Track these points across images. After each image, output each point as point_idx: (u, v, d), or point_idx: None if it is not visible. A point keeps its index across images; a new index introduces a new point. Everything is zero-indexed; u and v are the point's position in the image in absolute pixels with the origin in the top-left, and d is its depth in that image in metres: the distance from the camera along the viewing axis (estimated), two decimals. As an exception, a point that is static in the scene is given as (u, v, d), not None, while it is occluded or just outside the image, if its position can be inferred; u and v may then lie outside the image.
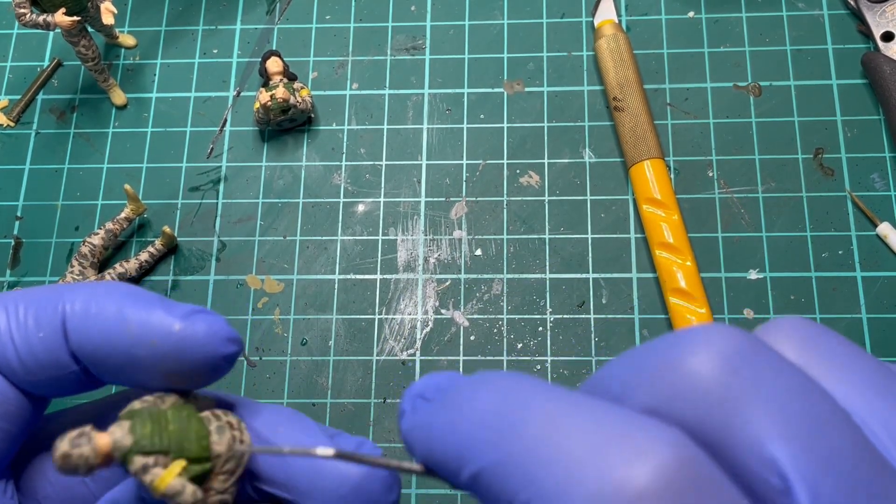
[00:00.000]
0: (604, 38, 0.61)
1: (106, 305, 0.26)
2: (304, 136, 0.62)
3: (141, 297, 0.26)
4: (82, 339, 0.26)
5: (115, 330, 0.25)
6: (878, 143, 0.59)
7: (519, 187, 0.60)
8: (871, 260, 0.57)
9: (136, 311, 0.26)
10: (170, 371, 0.26)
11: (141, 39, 0.66)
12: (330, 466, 0.26)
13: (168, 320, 0.25)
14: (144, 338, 0.25)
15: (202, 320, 0.26)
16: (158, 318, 0.26)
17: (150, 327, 0.25)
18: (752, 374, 0.18)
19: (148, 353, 0.25)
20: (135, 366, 0.26)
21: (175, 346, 0.25)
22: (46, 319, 0.26)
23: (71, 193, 0.62)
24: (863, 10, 0.61)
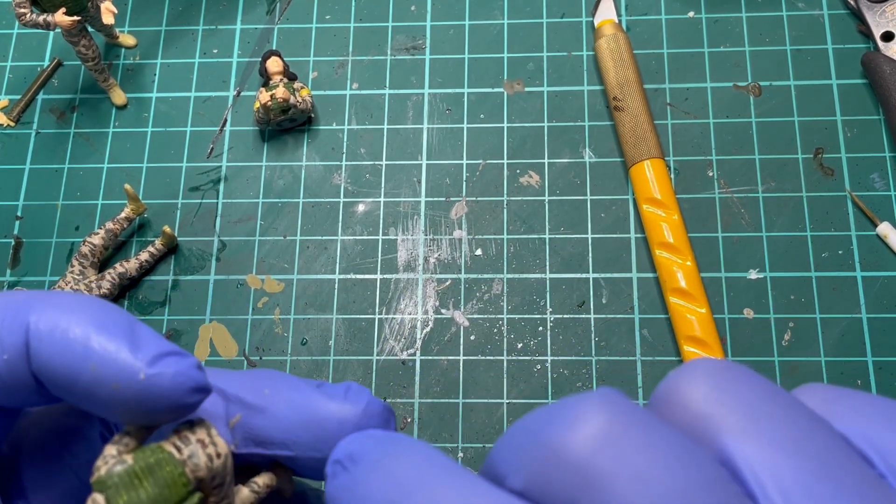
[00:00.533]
0: (604, 37, 0.61)
1: (72, 331, 0.24)
2: (305, 136, 0.62)
3: (110, 327, 0.24)
4: (42, 364, 0.24)
5: (77, 364, 0.24)
6: (878, 143, 0.59)
7: (519, 187, 0.60)
8: (871, 260, 0.57)
9: (102, 345, 0.24)
10: (131, 412, 0.24)
11: (141, 39, 0.66)
12: (327, 415, 0.26)
13: (133, 366, 0.24)
14: (106, 379, 0.24)
15: (169, 367, 0.24)
16: (123, 361, 0.24)
17: (113, 369, 0.24)
18: (617, 453, 0.17)
19: (109, 393, 0.24)
20: (95, 402, 0.24)
21: (137, 393, 0.24)
22: (11, 338, 0.24)
23: (71, 193, 0.62)
24: (863, 9, 0.61)
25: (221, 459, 0.24)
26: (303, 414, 0.26)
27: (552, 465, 0.18)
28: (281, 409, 0.26)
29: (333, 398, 0.27)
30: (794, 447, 0.17)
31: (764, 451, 0.17)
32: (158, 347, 0.24)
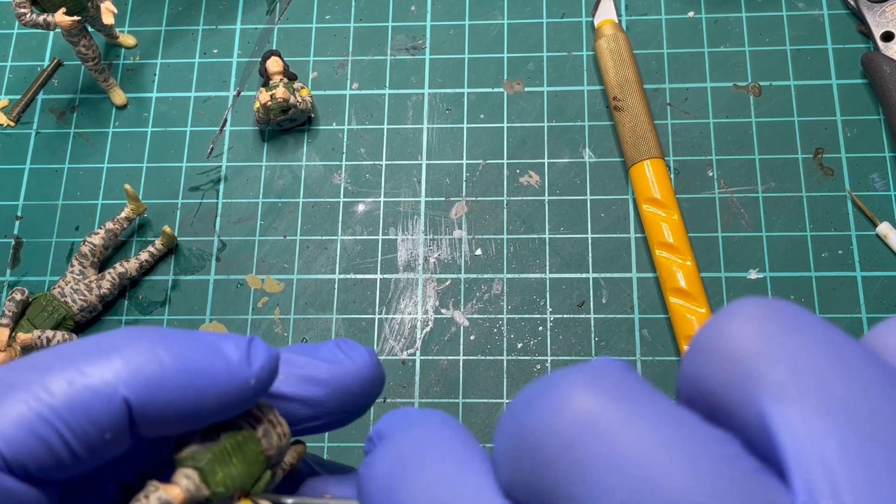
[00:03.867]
0: (604, 37, 0.61)
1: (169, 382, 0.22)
2: (304, 136, 0.62)
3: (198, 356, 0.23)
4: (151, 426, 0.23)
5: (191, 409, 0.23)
6: (878, 143, 0.59)
7: (519, 187, 0.60)
8: (871, 260, 0.57)
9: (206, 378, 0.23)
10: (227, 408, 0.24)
11: (141, 39, 0.66)
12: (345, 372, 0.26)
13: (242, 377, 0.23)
14: (225, 398, 0.23)
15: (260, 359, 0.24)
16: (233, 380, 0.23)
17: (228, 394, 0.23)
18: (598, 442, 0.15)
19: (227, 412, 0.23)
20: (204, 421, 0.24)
21: (252, 397, 0.24)
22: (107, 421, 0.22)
23: (71, 193, 0.62)
24: (863, 9, 0.61)
25: (286, 439, 0.25)
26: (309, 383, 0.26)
27: (527, 458, 0.16)
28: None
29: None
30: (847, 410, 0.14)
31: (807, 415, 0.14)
32: (237, 345, 0.24)
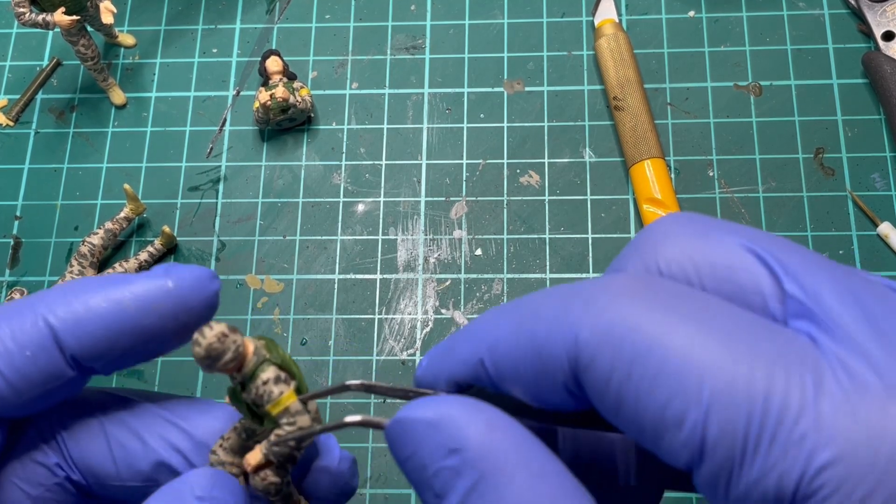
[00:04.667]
0: (604, 37, 0.61)
1: (90, 299, 0.26)
2: (304, 136, 0.62)
3: (115, 278, 0.27)
4: (83, 340, 0.26)
5: (113, 316, 0.26)
6: (879, 143, 0.59)
7: (519, 187, 0.60)
8: (872, 260, 0.57)
9: (122, 289, 0.26)
10: (174, 326, 0.26)
11: (140, 39, 0.66)
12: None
13: (158, 282, 0.26)
14: (145, 308, 0.26)
15: (183, 269, 0.27)
16: (148, 286, 0.26)
17: (145, 297, 0.26)
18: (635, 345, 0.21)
19: (154, 319, 0.26)
20: (143, 339, 0.26)
21: (175, 301, 0.26)
22: (27, 336, 0.25)
23: (70, 193, 0.62)
24: (863, 9, 0.61)
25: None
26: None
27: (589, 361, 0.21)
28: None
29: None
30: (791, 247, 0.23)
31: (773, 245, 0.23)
32: (160, 268, 0.27)
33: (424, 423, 0.22)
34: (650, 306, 0.22)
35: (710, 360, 0.20)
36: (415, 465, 0.23)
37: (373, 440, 0.55)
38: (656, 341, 0.21)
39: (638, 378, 0.21)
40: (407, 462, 0.23)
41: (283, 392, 0.26)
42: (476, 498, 0.21)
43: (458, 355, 0.25)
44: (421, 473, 0.22)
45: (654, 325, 0.21)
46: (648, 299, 0.22)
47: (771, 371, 0.20)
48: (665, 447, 0.21)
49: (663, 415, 0.20)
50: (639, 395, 0.21)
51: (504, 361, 0.24)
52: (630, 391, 0.21)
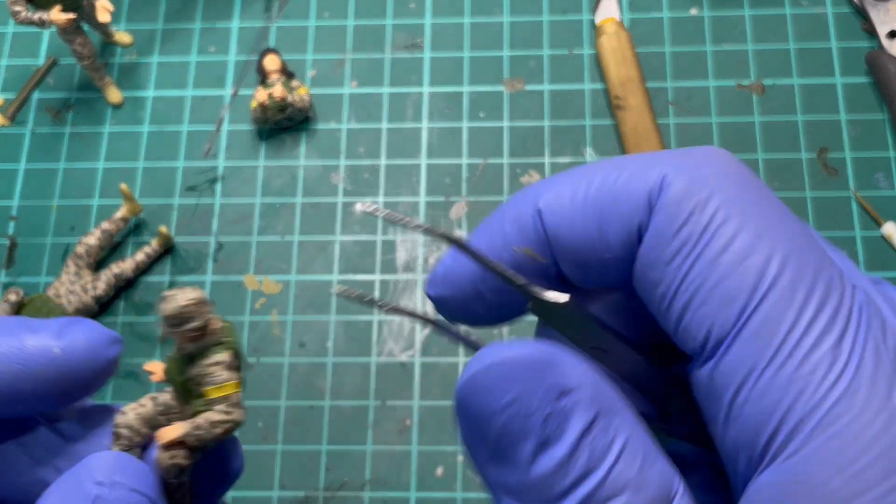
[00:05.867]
0: (605, 35, 0.61)
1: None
2: (303, 135, 0.62)
3: (11, 326, 0.24)
4: None
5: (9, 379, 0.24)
6: (883, 142, 0.59)
7: (520, 187, 0.59)
8: (876, 260, 0.56)
9: (6, 342, 0.24)
10: (57, 392, 0.24)
11: (137, 37, 0.65)
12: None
13: (44, 344, 0.24)
14: (24, 372, 0.24)
15: (78, 333, 0.24)
16: (33, 346, 0.24)
17: (27, 359, 0.24)
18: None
19: (31, 385, 0.24)
20: (18, 399, 0.24)
21: (59, 369, 0.24)
22: None
23: (66, 193, 0.61)
24: (867, 7, 0.60)
25: None
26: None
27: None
28: None
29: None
30: None
31: None
32: (55, 322, 0.24)
33: (534, 363, 0.21)
34: (738, 180, 0.22)
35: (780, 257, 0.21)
36: (518, 410, 0.21)
37: (371, 443, 0.54)
38: (737, 214, 0.21)
39: (709, 240, 0.21)
40: (505, 410, 0.21)
41: (230, 379, 0.25)
42: (590, 440, 0.20)
43: (511, 219, 0.24)
44: (525, 421, 0.21)
45: (739, 199, 0.21)
46: (737, 174, 0.22)
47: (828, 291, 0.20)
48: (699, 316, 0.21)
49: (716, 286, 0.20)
50: (701, 257, 0.21)
51: (567, 212, 0.23)
52: (695, 250, 0.21)
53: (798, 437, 0.19)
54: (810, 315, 0.20)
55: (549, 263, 0.24)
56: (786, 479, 0.19)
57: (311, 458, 0.54)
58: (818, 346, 0.20)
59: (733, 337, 0.20)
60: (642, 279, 0.22)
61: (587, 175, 0.23)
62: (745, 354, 0.20)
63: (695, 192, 0.21)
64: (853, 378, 0.19)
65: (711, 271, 0.21)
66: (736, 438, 0.20)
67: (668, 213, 0.21)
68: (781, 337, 0.20)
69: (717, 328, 0.20)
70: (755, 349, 0.20)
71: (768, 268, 0.20)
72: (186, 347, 0.26)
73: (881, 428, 0.19)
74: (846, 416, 0.19)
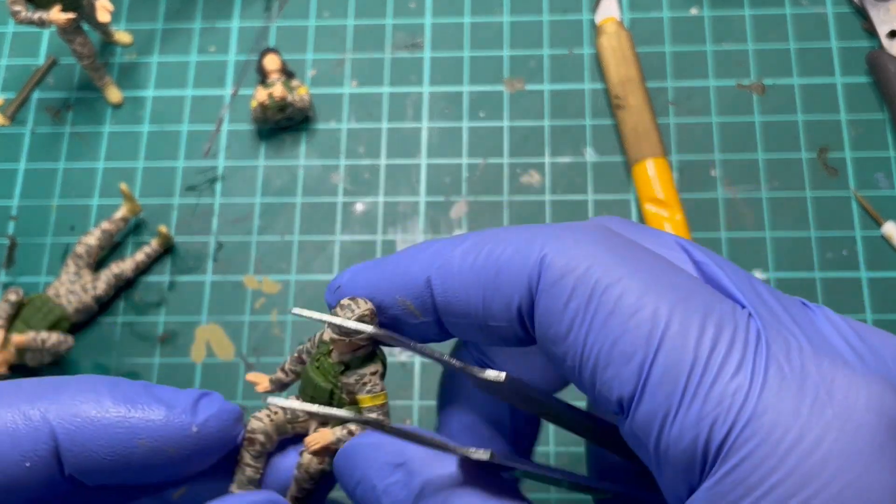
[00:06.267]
0: (605, 35, 0.61)
1: (104, 425, 0.24)
2: (303, 135, 0.62)
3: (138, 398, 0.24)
4: (85, 466, 0.24)
5: (124, 450, 0.24)
6: (883, 142, 0.59)
7: (520, 186, 0.59)
8: (876, 260, 0.56)
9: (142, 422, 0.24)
10: (185, 465, 0.25)
11: (137, 37, 0.65)
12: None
13: (184, 422, 0.24)
14: (160, 449, 0.24)
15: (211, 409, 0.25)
16: (171, 427, 0.24)
17: (164, 438, 0.24)
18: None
19: (167, 459, 0.24)
20: (150, 470, 0.25)
21: (195, 445, 0.25)
22: (31, 448, 0.24)
23: (66, 193, 0.61)
24: (867, 7, 0.60)
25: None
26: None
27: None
28: None
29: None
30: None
31: None
32: (188, 397, 0.25)
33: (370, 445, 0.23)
34: (614, 248, 0.23)
35: (666, 308, 0.22)
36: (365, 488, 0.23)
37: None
38: (618, 279, 0.22)
39: (596, 307, 0.22)
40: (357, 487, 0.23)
41: (384, 389, 0.26)
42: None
43: (402, 272, 0.25)
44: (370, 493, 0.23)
45: (617, 265, 0.23)
46: (612, 242, 0.24)
47: (720, 327, 0.21)
48: (606, 379, 0.22)
49: (613, 348, 0.22)
50: (593, 324, 0.22)
51: (455, 282, 0.24)
52: (585, 319, 0.22)
53: (717, 466, 0.20)
54: (706, 353, 0.21)
55: (429, 321, 0.26)
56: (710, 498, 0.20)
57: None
58: (719, 380, 0.21)
59: (640, 391, 0.21)
60: (550, 356, 0.24)
61: (476, 246, 0.24)
62: (655, 404, 0.21)
63: (573, 267, 0.23)
64: (757, 402, 0.20)
65: (606, 335, 0.22)
66: (669, 479, 0.21)
67: (554, 292, 0.23)
68: (684, 380, 0.21)
69: (624, 387, 0.21)
70: (662, 397, 0.21)
71: (657, 318, 0.21)
72: (345, 356, 0.26)
73: (789, 446, 0.19)
74: (754, 439, 0.20)
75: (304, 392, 0.26)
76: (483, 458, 0.22)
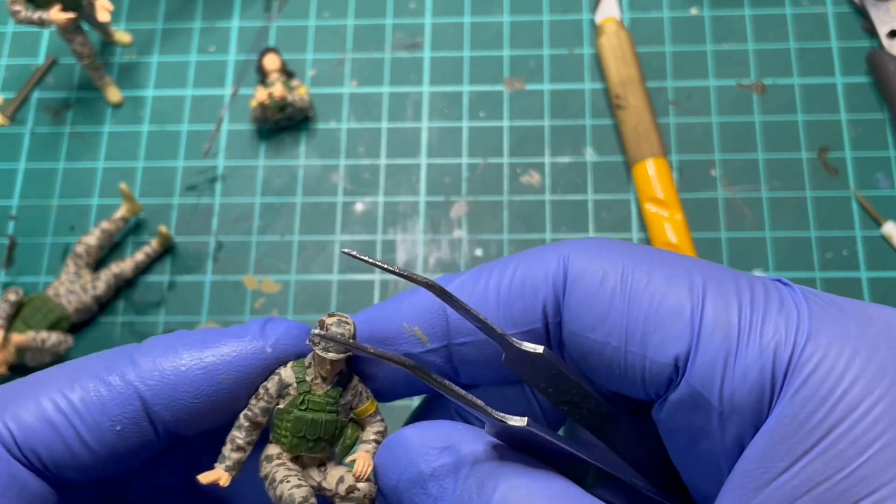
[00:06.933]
0: (606, 35, 0.60)
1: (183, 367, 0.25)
2: (302, 135, 0.62)
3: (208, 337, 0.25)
4: (177, 413, 0.25)
5: (208, 389, 0.25)
6: (883, 142, 0.59)
7: (520, 186, 0.59)
8: (876, 260, 0.56)
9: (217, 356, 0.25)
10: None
11: (137, 37, 0.65)
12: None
13: (256, 348, 0.25)
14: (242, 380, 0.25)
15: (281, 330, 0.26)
16: (246, 352, 0.25)
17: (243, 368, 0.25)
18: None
19: (249, 389, 0.25)
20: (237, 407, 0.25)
21: (274, 366, 0.26)
22: (119, 410, 0.24)
23: (66, 193, 0.61)
24: (867, 7, 0.60)
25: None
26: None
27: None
28: None
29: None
30: None
31: None
32: (253, 326, 0.26)
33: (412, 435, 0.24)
34: (628, 246, 0.24)
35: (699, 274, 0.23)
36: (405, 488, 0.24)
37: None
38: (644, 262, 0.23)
39: (632, 281, 0.23)
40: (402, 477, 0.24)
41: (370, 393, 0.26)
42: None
43: (409, 302, 0.26)
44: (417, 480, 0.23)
45: (639, 255, 0.24)
46: (624, 244, 0.25)
47: (751, 281, 0.23)
48: (657, 343, 0.22)
49: (660, 309, 0.23)
50: (633, 295, 0.23)
51: (471, 299, 0.25)
52: (625, 293, 0.23)
53: (784, 390, 0.21)
54: (748, 297, 0.22)
55: (437, 349, 0.26)
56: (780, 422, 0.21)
57: (310, 457, 0.54)
58: (769, 314, 0.22)
59: (696, 342, 0.22)
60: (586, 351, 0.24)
61: (488, 270, 0.25)
62: (714, 350, 0.22)
63: (599, 258, 0.24)
64: (809, 324, 0.22)
65: (650, 301, 0.23)
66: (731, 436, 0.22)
67: (586, 278, 0.23)
68: (736, 320, 0.22)
69: (679, 343, 0.22)
70: (719, 341, 0.22)
71: (693, 279, 0.23)
72: (332, 379, 0.26)
73: (849, 357, 0.21)
74: (816, 355, 0.21)
75: (304, 438, 0.26)
76: (519, 424, 0.23)
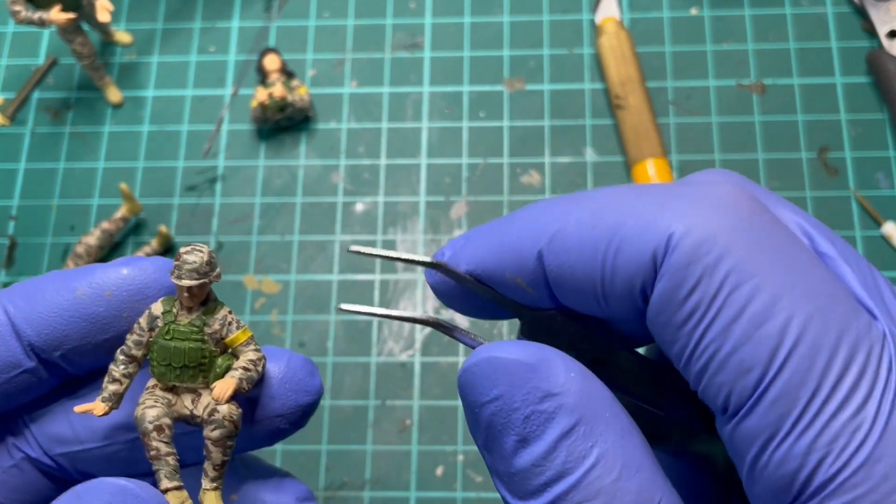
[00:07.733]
0: (605, 35, 0.60)
1: (47, 288, 0.26)
2: (303, 135, 0.62)
3: (79, 270, 0.27)
4: (39, 328, 0.25)
5: (66, 304, 0.25)
6: (883, 142, 0.59)
7: (520, 186, 0.59)
8: (877, 260, 0.56)
9: (79, 279, 0.26)
10: (130, 318, 0.26)
11: (137, 37, 0.65)
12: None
13: (112, 269, 0.26)
14: (97, 295, 0.26)
15: (145, 260, 0.26)
16: (102, 271, 0.26)
17: (99, 285, 0.26)
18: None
19: (105, 307, 0.26)
20: (97, 326, 0.26)
21: (130, 290, 0.26)
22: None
23: (66, 193, 0.61)
24: (867, 7, 0.60)
25: None
26: None
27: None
28: None
29: None
30: None
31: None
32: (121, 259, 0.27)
33: (521, 364, 0.21)
34: (752, 231, 0.21)
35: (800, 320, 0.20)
36: (501, 406, 0.21)
37: (371, 442, 0.54)
38: (750, 276, 0.20)
39: (720, 307, 0.20)
40: (490, 404, 0.22)
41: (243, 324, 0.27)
42: (568, 444, 0.21)
43: (511, 247, 0.24)
44: (507, 416, 0.21)
45: (753, 257, 0.20)
46: (752, 223, 0.21)
47: (853, 350, 0.20)
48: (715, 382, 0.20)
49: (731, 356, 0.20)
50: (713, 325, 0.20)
51: (570, 257, 0.22)
52: (706, 317, 0.20)
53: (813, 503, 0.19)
54: (833, 380, 0.19)
55: (540, 296, 0.24)
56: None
57: (311, 457, 0.54)
58: (840, 413, 0.19)
59: (751, 406, 0.20)
60: (656, 335, 0.22)
61: (593, 216, 0.22)
62: (764, 423, 0.20)
63: (703, 254, 0.21)
64: (875, 447, 0.19)
65: (725, 340, 0.20)
66: (757, 496, 0.20)
67: (676, 278, 0.21)
68: (802, 406, 0.19)
69: (734, 397, 0.20)
70: (773, 418, 0.20)
71: (787, 333, 0.20)
72: (197, 308, 0.26)
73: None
74: (861, 487, 0.19)
75: (170, 367, 0.26)
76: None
